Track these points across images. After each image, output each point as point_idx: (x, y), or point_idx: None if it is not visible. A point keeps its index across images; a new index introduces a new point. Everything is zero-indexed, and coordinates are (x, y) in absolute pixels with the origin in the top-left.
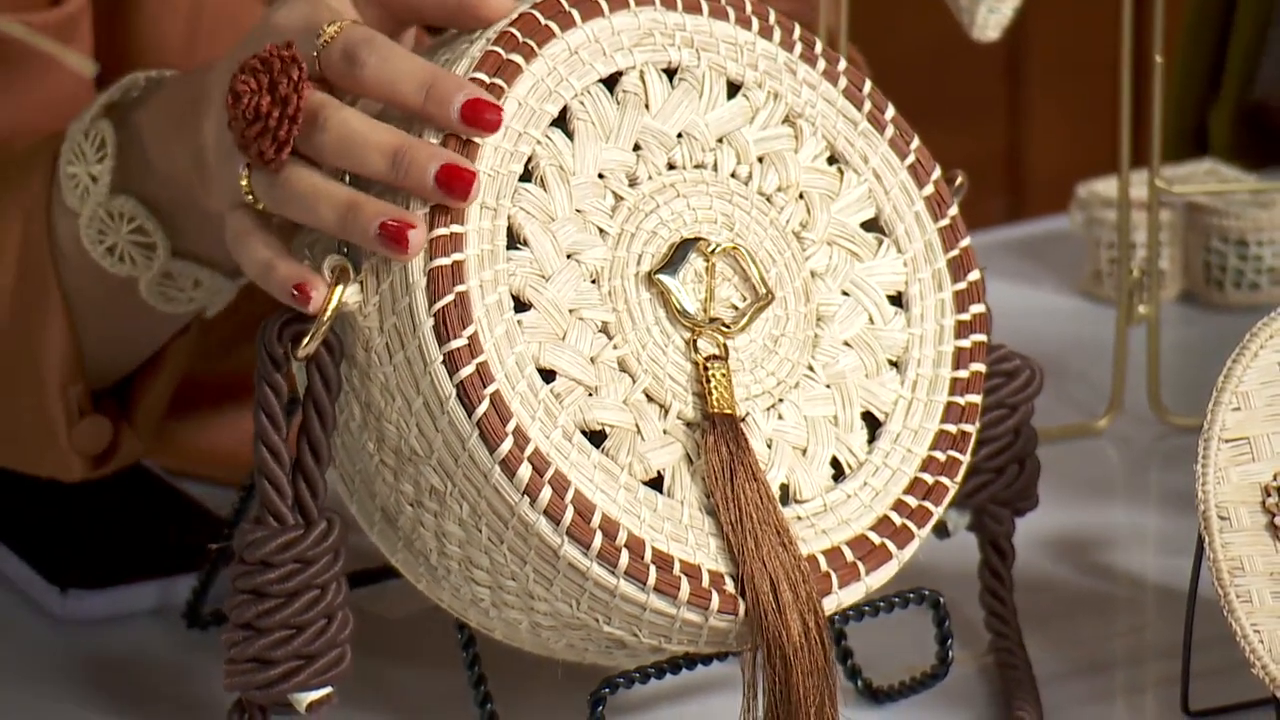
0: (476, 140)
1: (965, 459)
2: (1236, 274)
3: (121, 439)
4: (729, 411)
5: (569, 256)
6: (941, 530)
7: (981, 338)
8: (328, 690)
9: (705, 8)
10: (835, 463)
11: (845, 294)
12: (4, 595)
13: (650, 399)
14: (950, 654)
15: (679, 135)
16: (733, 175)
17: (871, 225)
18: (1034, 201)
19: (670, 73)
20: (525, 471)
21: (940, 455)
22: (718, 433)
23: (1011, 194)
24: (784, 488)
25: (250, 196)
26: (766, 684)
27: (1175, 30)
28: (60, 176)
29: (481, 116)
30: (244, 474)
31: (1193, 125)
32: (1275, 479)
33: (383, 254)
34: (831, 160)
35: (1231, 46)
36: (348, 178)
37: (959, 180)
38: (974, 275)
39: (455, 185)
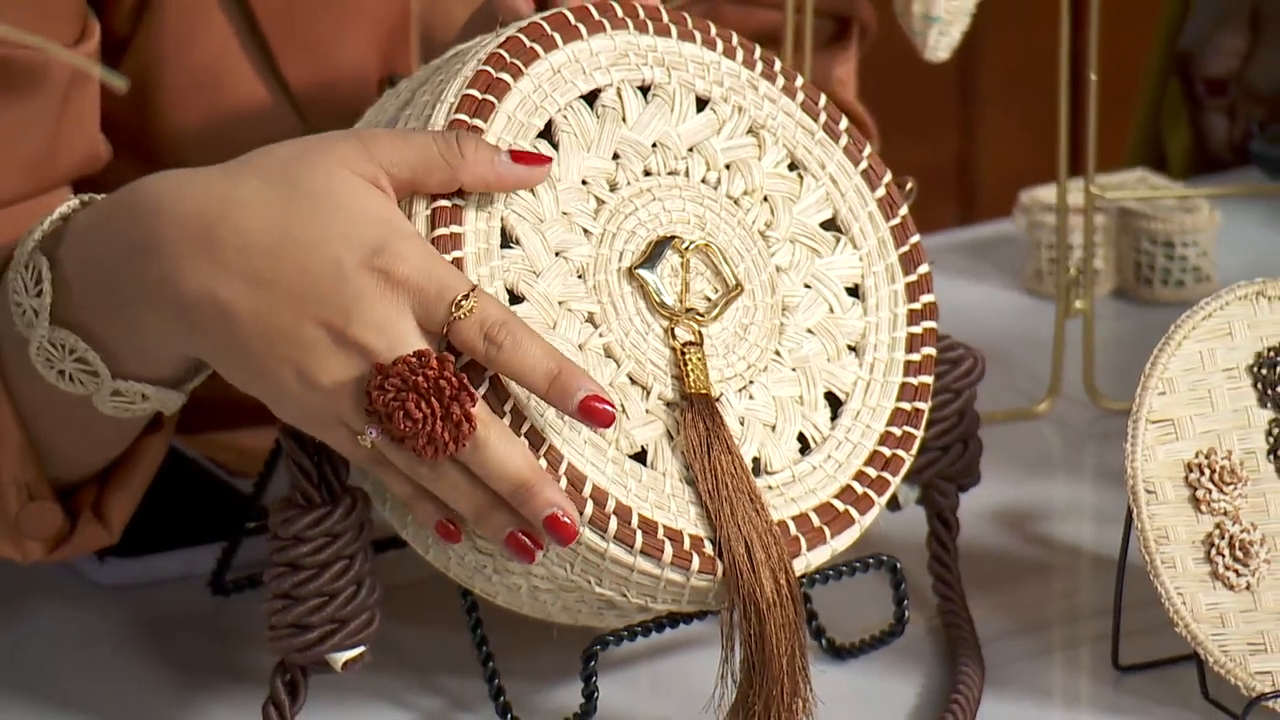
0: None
1: (919, 434)
2: (1164, 272)
3: (81, 526)
4: (704, 392)
5: (557, 254)
6: (894, 504)
7: (931, 324)
8: (361, 649)
9: (675, 31)
10: (802, 438)
11: (807, 286)
12: (47, 564)
13: (633, 381)
14: (906, 615)
15: (654, 145)
16: (703, 181)
17: (829, 225)
18: (982, 207)
19: (644, 89)
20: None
21: (896, 430)
22: (695, 411)
23: (962, 200)
24: (756, 460)
25: (369, 444)
26: (742, 638)
27: (1111, 53)
28: (10, 304)
29: (596, 411)
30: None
31: (1155, 142)
32: (1197, 456)
33: (508, 555)
34: (792, 166)
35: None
36: None
37: (909, 185)
38: (923, 268)
39: (558, 531)
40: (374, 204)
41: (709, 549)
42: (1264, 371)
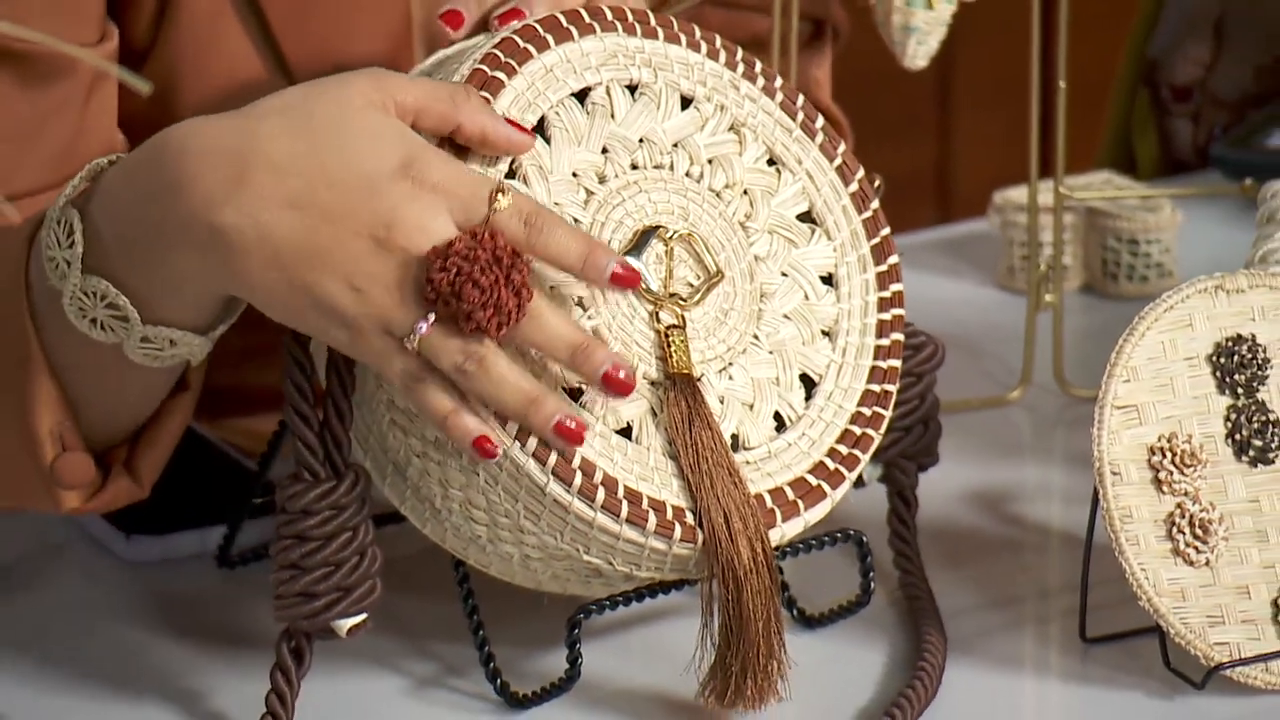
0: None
1: (888, 414)
2: (1129, 268)
3: (113, 479)
4: (686, 372)
5: None
6: (858, 481)
7: (900, 311)
8: (364, 616)
9: (661, 34)
10: (778, 416)
11: (784, 274)
12: (78, 539)
13: None
14: (872, 586)
15: (640, 140)
16: (687, 174)
17: (805, 217)
18: (959, 207)
19: (632, 88)
20: (514, 423)
21: (866, 410)
22: (677, 390)
23: (940, 201)
24: (734, 437)
25: (414, 349)
26: (721, 603)
27: (1079, 63)
28: (43, 260)
29: (625, 280)
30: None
31: (1125, 146)
32: (1159, 440)
33: (557, 445)
34: (770, 162)
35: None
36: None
37: (878, 183)
38: (893, 259)
39: (615, 386)
40: (391, 124)
41: (690, 519)
42: (1222, 360)
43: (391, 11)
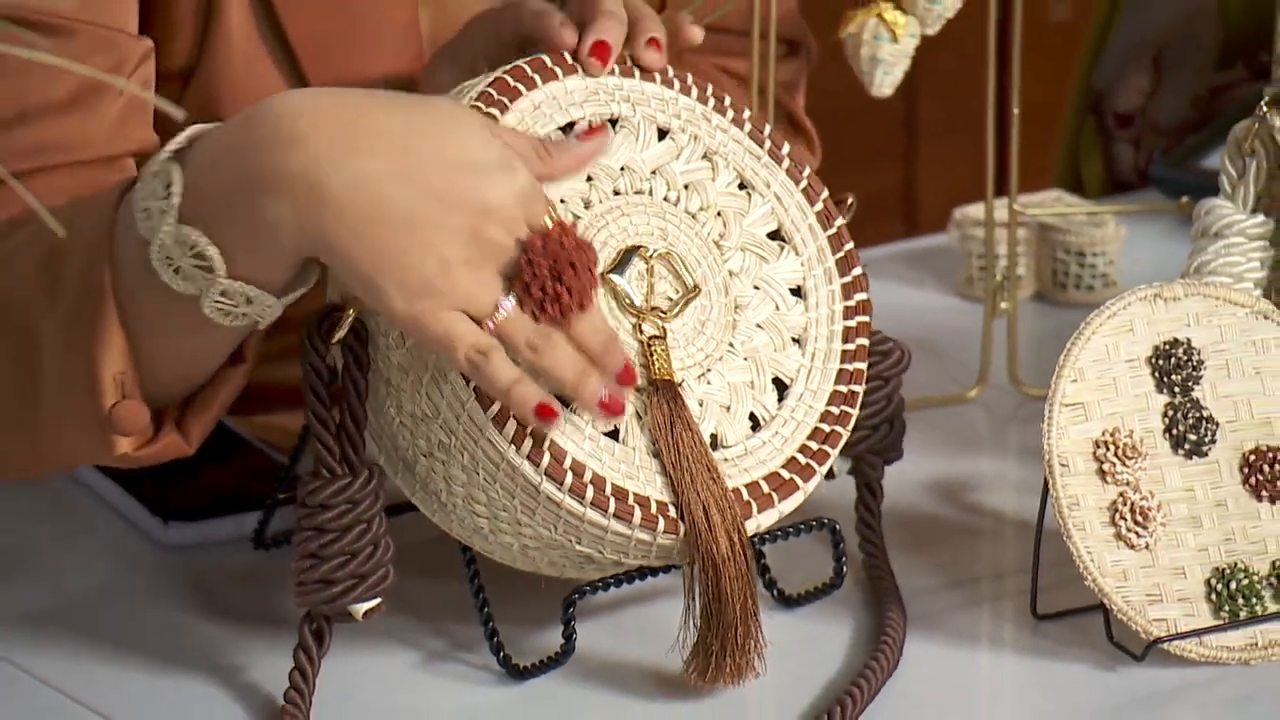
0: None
1: (855, 412)
2: (1076, 278)
3: (164, 434)
4: (668, 378)
5: None
6: (829, 474)
7: (865, 318)
8: (378, 601)
9: (637, 72)
10: (753, 417)
11: (756, 288)
12: (117, 525)
13: None
14: (844, 569)
15: (621, 169)
16: (665, 199)
17: (775, 235)
18: (924, 224)
19: (614, 121)
20: (512, 426)
21: (835, 410)
22: (659, 394)
23: (906, 218)
24: (713, 436)
25: (494, 328)
26: (701, 589)
27: (1032, 91)
28: (134, 211)
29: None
30: (286, 442)
31: (1074, 167)
32: (1103, 435)
33: (600, 415)
34: (741, 186)
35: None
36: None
37: (850, 201)
38: (857, 270)
39: (625, 380)
40: (494, 129)
41: (672, 512)
42: (1160, 362)
43: (404, 39)
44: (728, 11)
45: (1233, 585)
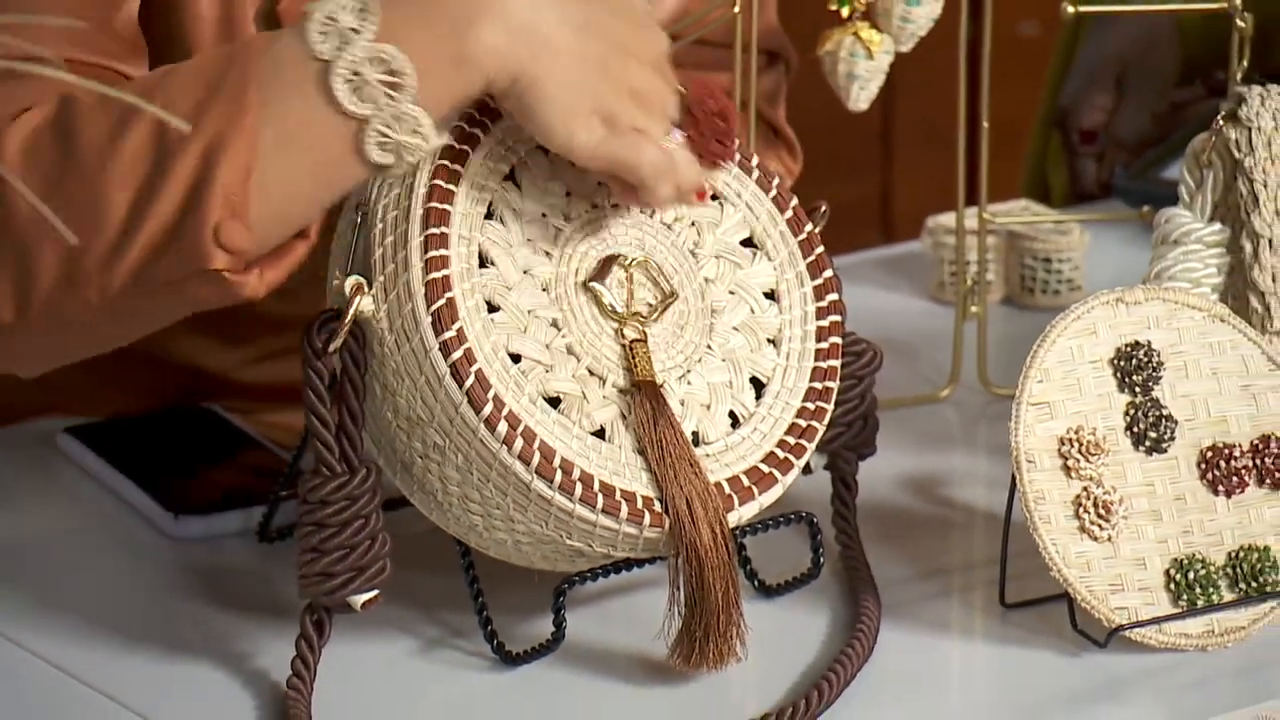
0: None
1: (829, 408)
2: (1043, 283)
3: (249, 274)
4: (650, 379)
5: (525, 272)
6: (806, 469)
7: (837, 318)
8: (375, 593)
9: None
10: (732, 414)
11: (731, 293)
12: (129, 518)
13: (591, 373)
14: (822, 560)
15: (599, 184)
16: (641, 211)
17: (747, 242)
18: (900, 232)
19: None
20: (503, 428)
21: (810, 405)
22: (642, 395)
23: (884, 227)
24: (695, 434)
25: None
26: (685, 578)
27: (1002, 107)
28: (309, 30)
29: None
30: (290, 439)
31: (1041, 179)
32: (1068, 433)
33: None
34: (714, 197)
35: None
36: None
37: (823, 209)
38: (828, 273)
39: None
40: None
41: (657, 507)
42: (1122, 363)
43: None
44: (714, 28)
45: (1190, 575)
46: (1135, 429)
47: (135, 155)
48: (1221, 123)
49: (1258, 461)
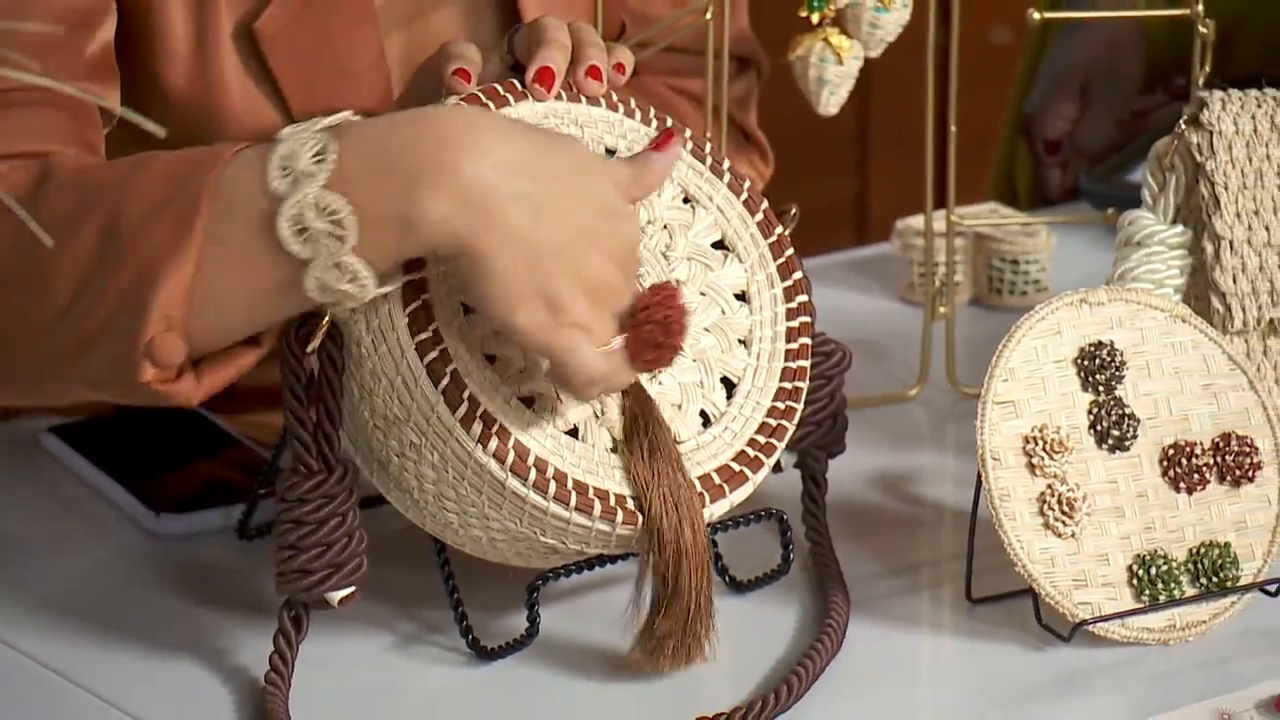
0: None
1: (799, 407)
2: (1010, 284)
3: (183, 382)
4: (636, 380)
5: None
6: (777, 467)
7: (807, 319)
8: (353, 589)
9: (584, 98)
10: (703, 414)
11: (703, 294)
12: (112, 516)
13: None
14: (791, 556)
15: None
16: None
17: (718, 244)
18: (874, 234)
19: None
20: (478, 427)
21: (780, 405)
22: (628, 395)
23: (859, 229)
24: None
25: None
26: (661, 576)
27: (971, 112)
28: (269, 169)
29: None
30: (271, 438)
31: (1009, 182)
32: (1033, 431)
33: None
34: (686, 200)
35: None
36: None
37: (793, 211)
38: (798, 275)
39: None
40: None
41: (630, 505)
42: (1085, 363)
43: (374, 77)
44: (686, 34)
45: (1153, 571)
46: (1099, 427)
47: (86, 247)
48: (1184, 127)
49: (1218, 459)
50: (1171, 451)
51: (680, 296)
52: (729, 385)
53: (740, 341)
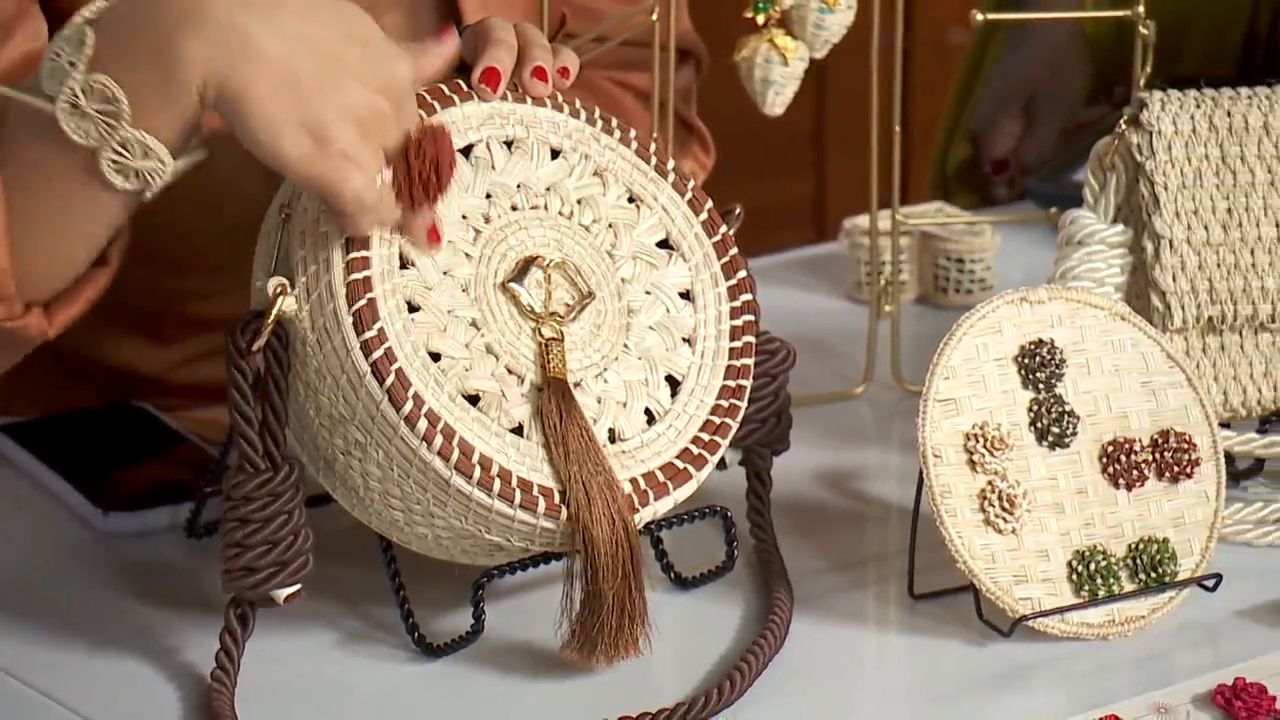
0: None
1: (743, 404)
2: (956, 283)
3: (30, 316)
4: (560, 376)
5: (444, 273)
6: (722, 464)
7: (750, 318)
8: (298, 587)
9: (529, 99)
10: (648, 412)
11: (648, 293)
12: (59, 514)
13: (510, 372)
14: (736, 553)
15: (518, 186)
16: (559, 213)
17: (663, 244)
18: (832, 232)
19: (509, 143)
20: (423, 425)
21: (724, 403)
22: (551, 391)
23: (816, 227)
24: (611, 431)
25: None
26: (582, 570)
27: (920, 114)
28: (41, 72)
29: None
30: (221, 435)
31: (943, 177)
32: (974, 428)
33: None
34: (630, 199)
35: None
36: None
37: (737, 211)
38: (742, 274)
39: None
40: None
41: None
42: (1026, 360)
43: None
44: (633, 33)
45: (1092, 567)
46: (1039, 424)
47: None
48: (1124, 127)
49: (1157, 456)
50: (1111, 448)
51: (448, 138)
52: (673, 383)
53: (685, 340)
